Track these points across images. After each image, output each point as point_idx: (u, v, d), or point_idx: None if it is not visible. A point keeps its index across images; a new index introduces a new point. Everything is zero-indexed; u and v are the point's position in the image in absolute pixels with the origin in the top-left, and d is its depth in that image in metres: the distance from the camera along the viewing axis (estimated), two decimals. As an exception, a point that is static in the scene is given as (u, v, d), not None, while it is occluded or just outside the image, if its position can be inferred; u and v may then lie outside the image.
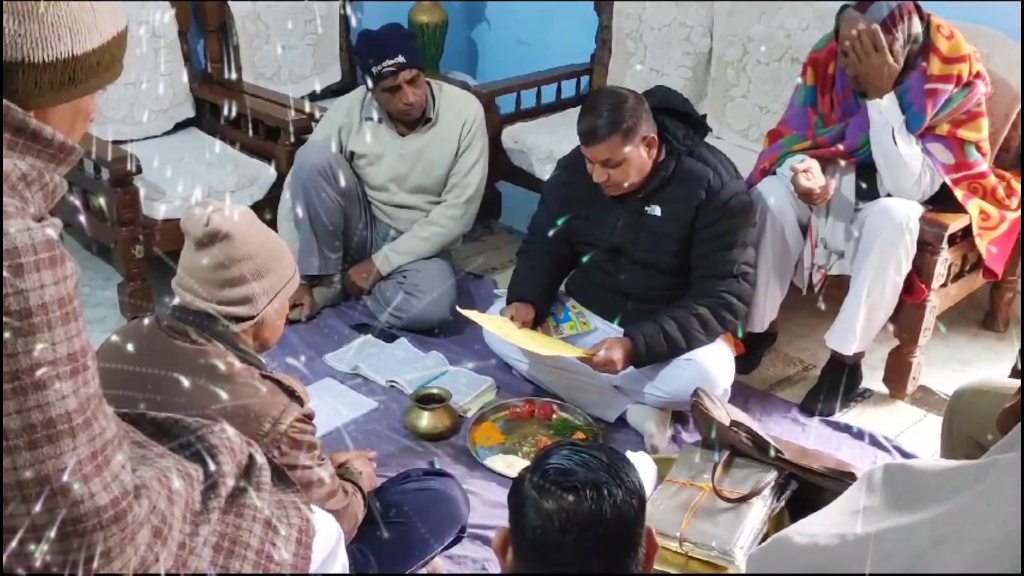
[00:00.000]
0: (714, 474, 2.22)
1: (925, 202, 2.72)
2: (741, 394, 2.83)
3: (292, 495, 1.53)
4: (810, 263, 2.79)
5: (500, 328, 2.67)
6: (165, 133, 3.71)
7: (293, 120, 3.43)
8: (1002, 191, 2.78)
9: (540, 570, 1.25)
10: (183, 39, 3.74)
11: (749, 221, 2.61)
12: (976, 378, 2.16)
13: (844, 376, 2.87)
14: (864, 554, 1.25)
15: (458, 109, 3.24)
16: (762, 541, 1.98)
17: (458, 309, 2.76)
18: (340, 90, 3.94)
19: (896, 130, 2.61)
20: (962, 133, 2.67)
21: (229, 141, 3.64)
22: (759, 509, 2.16)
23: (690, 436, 2.69)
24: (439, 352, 3.07)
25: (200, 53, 3.95)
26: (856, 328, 2.70)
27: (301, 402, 1.69)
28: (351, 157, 3.28)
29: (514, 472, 2.31)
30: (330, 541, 1.61)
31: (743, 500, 2.16)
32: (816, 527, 1.39)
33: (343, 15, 4.14)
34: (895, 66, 2.57)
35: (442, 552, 2.06)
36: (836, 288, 2.81)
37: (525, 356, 2.80)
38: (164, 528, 1.18)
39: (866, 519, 1.32)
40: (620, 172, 2.50)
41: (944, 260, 2.71)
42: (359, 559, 1.80)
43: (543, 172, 3.49)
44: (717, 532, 2.10)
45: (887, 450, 2.66)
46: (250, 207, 1.91)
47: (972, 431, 1.95)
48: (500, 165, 3.72)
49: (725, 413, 2.37)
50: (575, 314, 2.85)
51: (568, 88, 4.09)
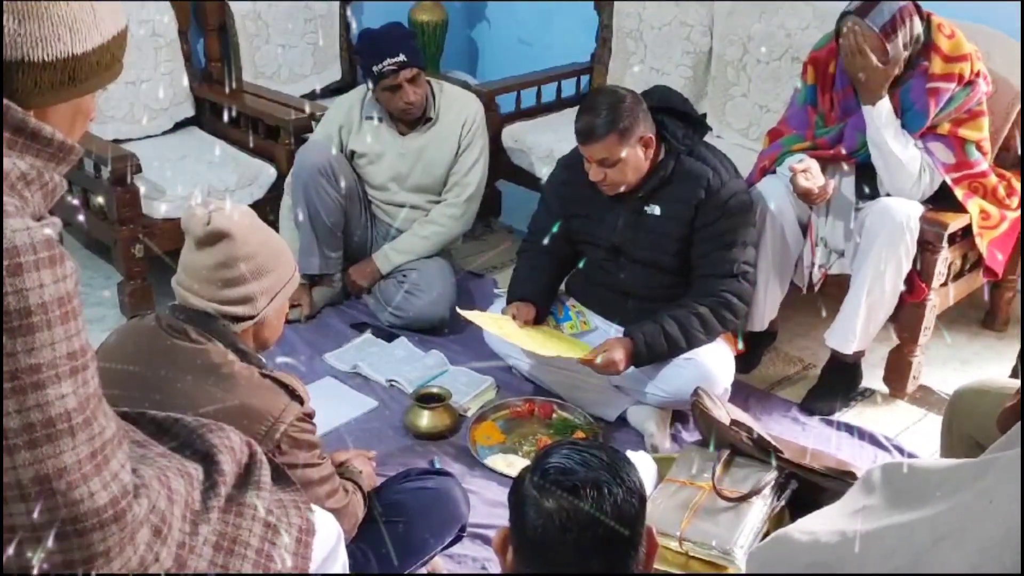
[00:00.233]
0: (714, 473, 2.22)
1: (925, 201, 2.72)
2: (741, 393, 2.83)
3: (292, 494, 1.52)
4: (810, 262, 2.79)
5: (500, 328, 2.67)
6: (165, 132, 3.71)
7: (293, 119, 3.43)
8: (1002, 190, 2.77)
9: (540, 569, 1.25)
10: (183, 38, 3.74)
11: (749, 220, 2.61)
12: (976, 377, 2.15)
13: (844, 375, 2.87)
14: (865, 551, 1.25)
15: (458, 108, 3.24)
16: (762, 540, 1.98)
17: (458, 310, 2.75)
18: (340, 89, 3.94)
19: (892, 134, 2.61)
20: (963, 132, 2.67)
21: (229, 140, 3.64)
22: (759, 508, 2.15)
23: (690, 435, 2.69)
24: (439, 351, 3.07)
25: (200, 52, 3.95)
26: (856, 327, 2.70)
27: (301, 401, 1.69)
28: (351, 156, 3.28)
29: (514, 471, 2.31)
30: (330, 540, 1.61)
31: (743, 499, 2.16)
32: (817, 524, 1.39)
33: (343, 14, 4.14)
34: (886, 71, 2.55)
35: (442, 551, 2.06)
36: (836, 287, 2.80)
37: (525, 355, 2.80)
38: (164, 527, 1.18)
39: (867, 517, 1.32)
40: (616, 172, 2.50)
41: (944, 259, 2.71)
42: (359, 558, 1.80)
43: (543, 171, 3.49)
44: (717, 531, 2.10)
45: (887, 449, 2.66)
46: (250, 206, 1.91)
47: (972, 431, 1.94)
48: (500, 164, 3.72)
49: (725, 412, 2.37)
50: (575, 313, 2.85)
51: (568, 87, 4.09)
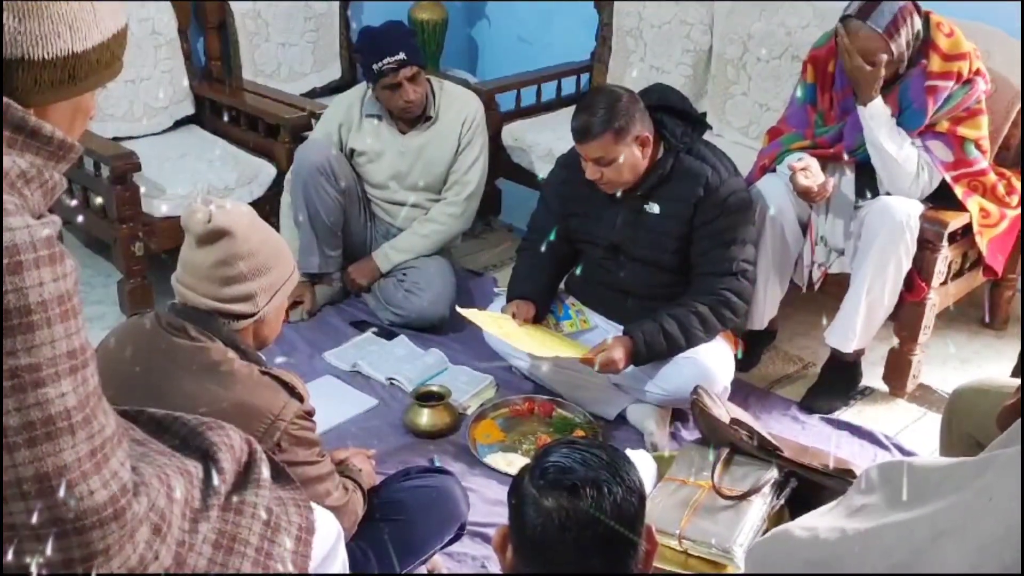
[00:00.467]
0: (714, 472, 2.22)
1: (925, 200, 2.72)
2: (741, 392, 2.83)
3: (292, 492, 1.52)
4: (810, 261, 2.79)
5: (499, 327, 2.67)
6: (165, 130, 3.71)
7: (293, 118, 3.43)
8: (1002, 189, 2.77)
9: (540, 568, 1.25)
10: (183, 37, 3.74)
11: (748, 218, 2.60)
12: (976, 376, 2.16)
13: (844, 374, 2.88)
14: (865, 548, 1.25)
15: (458, 107, 3.24)
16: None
17: (457, 309, 2.75)
18: (340, 87, 3.94)
19: (886, 134, 2.61)
20: (962, 131, 2.67)
21: (229, 139, 3.64)
22: (759, 507, 2.16)
23: (690, 434, 2.69)
24: (439, 349, 3.07)
25: (200, 51, 3.95)
26: (856, 326, 2.70)
27: (301, 399, 1.69)
28: (351, 154, 3.27)
29: (514, 470, 2.32)
30: (330, 538, 1.62)
31: (743, 498, 2.16)
32: (817, 521, 1.40)
33: (343, 13, 4.14)
34: (875, 71, 2.55)
35: (441, 550, 2.06)
36: (836, 286, 2.80)
37: (525, 354, 2.80)
38: (163, 525, 1.18)
39: (866, 515, 1.32)
40: (613, 170, 2.50)
41: (944, 258, 2.71)
42: (359, 556, 1.80)
43: (543, 170, 3.49)
44: (717, 530, 2.10)
45: (886, 448, 2.66)
46: (249, 205, 1.91)
47: (972, 430, 1.94)
48: (500, 163, 3.72)
49: (725, 411, 2.37)
50: (575, 312, 2.85)
51: (568, 86, 4.09)
